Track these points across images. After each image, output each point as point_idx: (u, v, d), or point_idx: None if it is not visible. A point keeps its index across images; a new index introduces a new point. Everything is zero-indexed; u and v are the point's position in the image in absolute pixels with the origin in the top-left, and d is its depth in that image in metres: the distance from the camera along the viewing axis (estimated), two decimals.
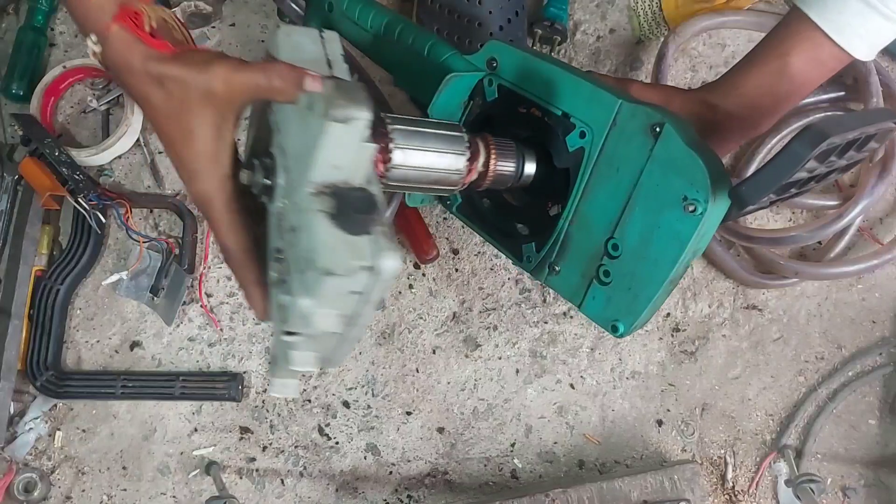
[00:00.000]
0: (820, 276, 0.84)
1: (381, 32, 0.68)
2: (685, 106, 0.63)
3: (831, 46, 0.59)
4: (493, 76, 0.62)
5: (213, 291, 0.91)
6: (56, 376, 0.87)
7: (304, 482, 0.88)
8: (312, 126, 0.43)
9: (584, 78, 0.58)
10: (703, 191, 0.50)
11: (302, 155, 0.45)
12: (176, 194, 0.92)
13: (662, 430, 0.89)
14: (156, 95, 0.49)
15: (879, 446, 0.88)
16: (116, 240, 0.92)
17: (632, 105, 0.54)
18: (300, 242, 0.45)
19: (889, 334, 0.89)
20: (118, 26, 0.49)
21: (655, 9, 0.92)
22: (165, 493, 0.88)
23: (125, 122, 0.89)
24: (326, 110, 0.42)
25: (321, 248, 0.42)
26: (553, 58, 0.62)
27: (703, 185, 0.50)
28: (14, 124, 0.89)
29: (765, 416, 0.89)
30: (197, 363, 0.90)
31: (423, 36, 0.65)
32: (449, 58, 0.64)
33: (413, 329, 0.90)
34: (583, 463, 0.88)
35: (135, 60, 0.49)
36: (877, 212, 0.90)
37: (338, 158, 0.44)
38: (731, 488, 0.87)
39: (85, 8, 0.50)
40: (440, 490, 0.88)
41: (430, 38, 0.65)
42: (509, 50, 0.61)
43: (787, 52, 0.61)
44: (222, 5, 0.95)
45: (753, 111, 0.63)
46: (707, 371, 0.89)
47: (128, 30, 0.49)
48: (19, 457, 0.87)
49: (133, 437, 0.89)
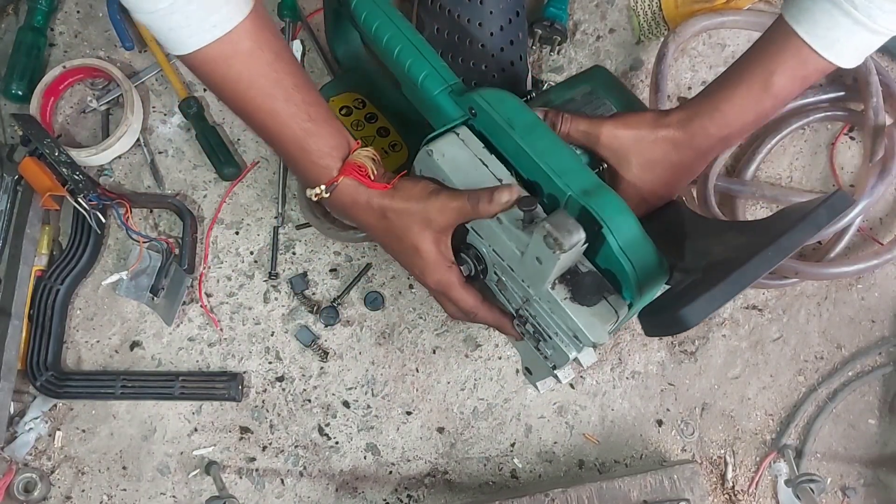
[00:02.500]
0: (820, 276, 0.84)
1: (383, 46, 0.69)
2: (657, 144, 0.64)
3: (817, 60, 0.60)
4: (472, 122, 0.65)
5: (213, 291, 0.91)
6: (56, 376, 0.87)
7: (304, 482, 0.88)
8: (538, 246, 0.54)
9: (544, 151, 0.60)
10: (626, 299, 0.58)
11: (516, 255, 0.59)
12: (176, 194, 0.92)
13: (662, 429, 0.89)
14: (380, 223, 0.65)
15: (879, 446, 0.88)
16: (116, 240, 0.92)
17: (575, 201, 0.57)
18: (554, 317, 0.59)
19: (889, 334, 0.89)
20: (346, 178, 0.63)
21: (655, 9, 0.92)
22: (165, 493, 0.88)
23: (125, 122, 0.89)
24: (555, 245, 0.52)
25: (583, 328, 0.56)
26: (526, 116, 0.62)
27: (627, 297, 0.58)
28: (14, 124, 0.89)
29: (764, 416, 0.89)
30: (197, 363, 0.90)
31: (419, 64, 0.67)
32: (438, 95, 0.66)
33: (413, 329, 0.90)
34: (582, 463, 0.88)
35: (360, 199, 0.64)
36: (877, 212, 0.90)
37: (564, 264, 0.56)
38: (730, 488, 0.87)
39: (312, 169, 0.64)
40: (440, 490, 0.88)
41: (424, 68, 0.67)
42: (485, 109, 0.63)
43: (772, 71, 0.61)
44: None
45: (734, 130, 0.64)
46: (707, 371, 0.89)
47: (352, 177, 0.63)
48: (19, 457, 0.87)
49: (133, 437, 0.89)
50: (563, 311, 0.57)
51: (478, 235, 0.63)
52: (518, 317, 0.65)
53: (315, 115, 0.63)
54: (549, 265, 0.55)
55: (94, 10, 0.95)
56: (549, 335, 0.61)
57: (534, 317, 0.62)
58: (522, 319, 0.64)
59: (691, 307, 0.48)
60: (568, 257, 0.54)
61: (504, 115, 0.62)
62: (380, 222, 0.65)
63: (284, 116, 0.62)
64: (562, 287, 0.57)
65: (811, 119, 0.89)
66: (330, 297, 0.90)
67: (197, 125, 0.91)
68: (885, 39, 0.58)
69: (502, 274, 0.63)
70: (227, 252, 0.91)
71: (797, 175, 0.91)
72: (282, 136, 0.63)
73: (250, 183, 0.92)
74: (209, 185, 0.92)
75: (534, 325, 0.62)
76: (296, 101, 0.61)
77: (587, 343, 0.57)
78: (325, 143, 0.63)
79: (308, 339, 0.89)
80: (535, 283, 0.58)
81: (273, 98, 0.61)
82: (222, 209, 0.92)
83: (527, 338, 0.65)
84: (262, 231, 0.91)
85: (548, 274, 0.56)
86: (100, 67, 0.91)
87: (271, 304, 0.90)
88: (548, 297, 0.58)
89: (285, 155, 0.66)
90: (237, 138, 0.93)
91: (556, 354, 0.62)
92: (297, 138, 0.63)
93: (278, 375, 0.89)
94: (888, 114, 0.87)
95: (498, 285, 0.65)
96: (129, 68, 0.94)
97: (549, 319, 0.60)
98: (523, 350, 0.68)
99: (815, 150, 0.91)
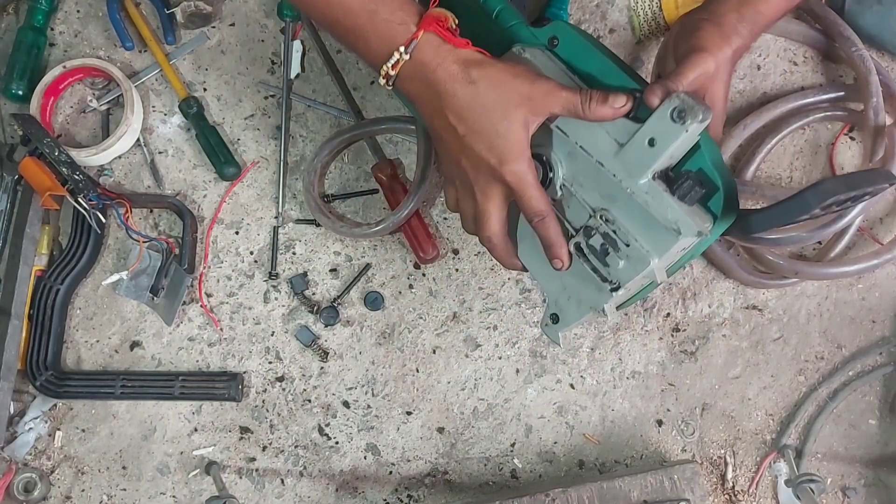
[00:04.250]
0: (820, 275, 0.84)
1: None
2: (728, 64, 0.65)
3: None
4: (552, 53, 0.64)
5: (213, 291, 0.91)
6: (56, 376, 0.87)
7: (304, 482, 0.88)
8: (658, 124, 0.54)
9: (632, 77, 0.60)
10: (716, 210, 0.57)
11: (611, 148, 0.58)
12: (176, 194, 0.92)
13: (662, 429, 0.89)
14: (465, 91, 0.59)
15: (879, 446, 0.88)
16: (116, 240, 0.92)
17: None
18: (645, 216, 0.57)
19: (889, 334, 0.89)
20: (425, 32, 0.58)
21: (655, 9, 0.91)
22: (165, 492, 0.88)
23: (125, 122, 0.89)
24: (688, 115, 0.52)
25: (677, 218, 0.55)
26: (608, 50, 0.63)
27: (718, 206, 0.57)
28: (14, 124, 0.89)
29: (765, 416, 0.88)
30: (197, 363, 0.90)
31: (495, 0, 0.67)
32: (515, 25, 0.66)
33: (413, 329, 0.90)
34: (583, 463, 0.88)
35: (445, 60, 0.59)
36: (877, 212, 0.90)
37: (676, 151, 0.55)
38: (731, 488, 0.87)
39: (386, 31, 0.59)
40: (440, 490, 0.88)
41: (501, 3, 0.66)
42: (572, 34, 0.64)
43: None
44: (222, 5, 0.95)
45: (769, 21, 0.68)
46: (707, 371, 0.89)
47: (435, 33, 0.59)
48: (19, 456, 0.87)
49: (133, 437, 0.89)
50: (664, 203, 0.56)
51: (562, 133, 0.61)
52: (584, 231, 0.61)
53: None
54: (665, 145, 0.54)
55: (94, 10, 0.95)
56: (628, 242, 0.58)
57: (611, 223, 0.59)
58: (589, 232, 0.60)
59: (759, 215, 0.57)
60: (687, 139, 0.54)
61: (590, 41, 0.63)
62: (465, 90, 0.59)
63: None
64: (660, 182, 0.56)
65: (811, 119, 0.89)
66: (330, 297, 0.90)
67: (197, 125, 0.91)
68: None
69: (575, 182, 0.61)
70: (227, 252, 0.91)
71: (797, 175, 0.91)
72: (349, 4, 0.59)
73: (250, 183, 0.92)
74: (209, 185, 0.92)
75: (606, 236, 0.59)
76: None
77: (689, 233, 0.55)
78: (397, 1, 0.59)
79: (308, 339, 0.89)
80: (634, 175, 0.57)
81: None
82: (222, 209, 0.92)
83: (581, 260, 0.62)
84: (262, 231, 0.91)
85: (657, 157, 0.55)
86: (100, 67, 0.91)
87: (271, 304, 0.90)
88: (647, 189, 0.56)
89: (351, 31, 0.60)
90: (237, 138, 0.93)
91: (626, 267, 0.59)
92: (364, 3, 0.59)
93: (278, 375, 0.89)
94: (888, 114, 0.87)
95: (558, 202, 0.63)
96: (129, 68, 0.94)
97: (636, 221, 0.57)
98: (555, 289, 0.65)
99: (815, 150, 0.91)
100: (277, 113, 0.93)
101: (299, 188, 0.91)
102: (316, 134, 0.93)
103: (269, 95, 0.94)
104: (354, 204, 0.92)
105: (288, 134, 0.92)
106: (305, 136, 0.93)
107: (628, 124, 0.57)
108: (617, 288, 0.60)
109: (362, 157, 0.92)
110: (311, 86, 0.94)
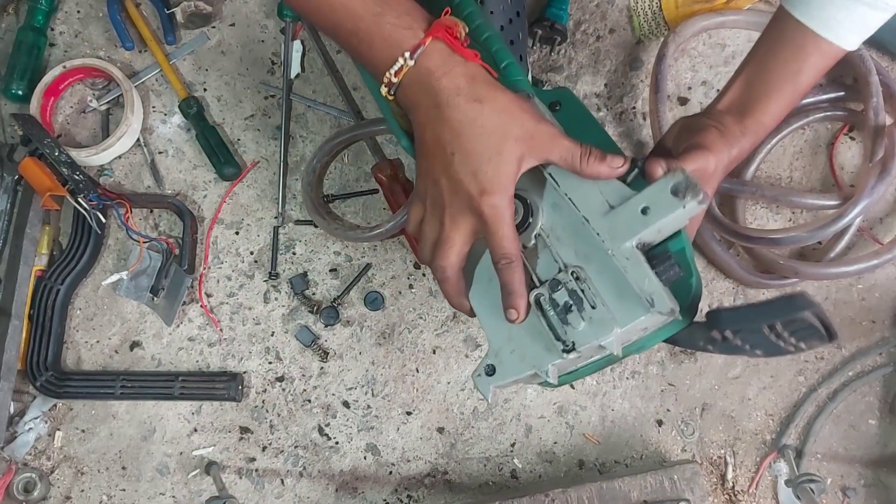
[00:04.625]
0: (820, 276, 0.84)
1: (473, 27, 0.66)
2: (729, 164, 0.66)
3: (837, 52, 0.64)
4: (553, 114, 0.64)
5: (213, 291, 0.91)
6: (56, 376, 0.87)
7: (304, 482, 0.88)
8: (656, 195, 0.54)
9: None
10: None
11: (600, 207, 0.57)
12: (176, 194, 0.92)
13: (662, 429, 0.89)
14: (471, 108, 0.56)
15: (879, 446, 0.88)
16: (116, 240, 0.92)
17: None
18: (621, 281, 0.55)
19: (889, 334, 0.89)
20: (434, 38, 0.55)
21: (655, 9, 0.92)
22: (165, 493, 0.88)
23: (125, 122, 0.89)
24: (687, 192, 0.52)
25: (652, 290, 0.53)
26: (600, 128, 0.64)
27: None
28: (14, 124, 0.89)
29: (765, 416, 0.88)
30: (197, 363, 0.90)
31: (504, 52, 0.65)
32: (520, 81, 0.64)
33: (413, 329, 0.90)
34: (582, 463, 0.88)
35: (455, 73, 0.56)
36: (877, 212, 0.90)
37: (667, 225, 0.55)
38: (731, 488, 0.87)
39: (392, 36, 0.56)
40: (440, 490, 0.88)
41: (509, 57, 0.65)
42: (576, 101, 0.64)
43: (798, 71, 0.65)
44: (222, 5, 0.95)
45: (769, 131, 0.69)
46: (707, 371, 0.89)
47: (444, 42, 0.55)
48: (19, 457, 0.87)
49: (132, 438, 0.89)
50: (642, 272, 0.54)
51: (554, 182, 0.60)
52: (550, 284, 0.59)
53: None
54: (658, 216, 0.54)
55: (94, 10, 0.95)
56: (594, 304, 0.56)
57: (581, 281, 0.57)
58: (555, 286, 0.58)
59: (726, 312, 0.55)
60: (681, 216, 0.54)
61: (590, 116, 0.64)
62: (468, 106, 0.56)
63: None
64: (639, 252, 0.55)
65: (811, 119, 0.89)
66: (330, 297, 0.90)
67: (197, 125, 0.91)
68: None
69: (552, 234, 0.60)
70: (227, 252, 0.91)
71: (797, 175, 0.91)
72: (353, 8, 0.56)
73: (250, 183, 0.92)
74: (209, 185, 0.92)
75: (572, 293, 0.57)
76: None
77: (663, 308, 0.53)
78: (404, 5, 0.57)
79: (308, 339, 0.89)
80: (618, 238, 0.56)
81: None
82: (222, 209, 0.92)
83: (537, 314, 0.59)
84: (262, 231, 0.91)
85: (648, 225, 0.54)
86: (100, 67, 0.91)
87: (271, 304, 0.90)
88: (629, 255, 0.55)
89: (355, 34, 0.57)
90: (237, 138, 0.93)
91: (586, 330, 0.57)
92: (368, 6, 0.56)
93: (278, 375, 0.89)
94: (888, 114, 0.87)
95: (529, 251, 0.60)
96: (129, 68, 0.94)
97: (607, 285, 0.56)
98: (500, 339, 0.61)
99: (815, 150, 0.91)
100: (277, 113, 0.93)
101: (299, 188, 0.91)
102: (316, 134, 0.93)
103: (269, 96, 0.94)
104: (354, 204, 0.92)
105: (288, 134, 0.92)
106: (305, 136, 0.93)
107: (623, 189, 0.57)
108: (570, 350, 0.57)
109: (362, 157, 0.92)
110: (311, 86, 0.94)
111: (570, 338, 0.57)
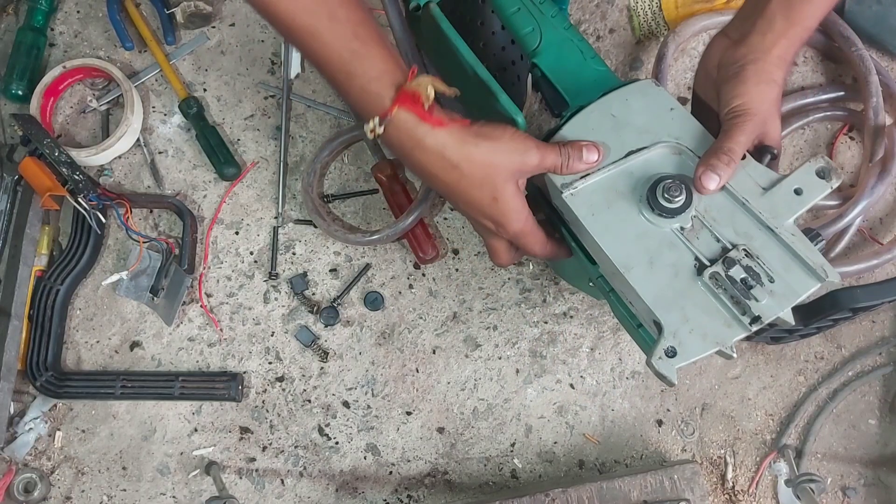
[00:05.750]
0: None
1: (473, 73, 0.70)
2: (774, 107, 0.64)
3: None
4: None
5: (213, 291, 0.91)
6: (56, 376, 0.87)
7: (304, 482, 0.88)
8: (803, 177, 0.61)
9: None
10: None
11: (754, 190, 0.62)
12: (176, 194, 0.92)
13: (662, 429, 0.89)
14: (451, 174, 0.59)
15: (879, 446, 0.88)
16: (116, 240, 0.92)
17: None
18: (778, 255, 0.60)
19: (889, 334, 0.89)
20: (399, 108, 0.56)
21: (655, 9, 0.92)
22: (165, 493, 0.88)
23: (125, 122, 0.89)
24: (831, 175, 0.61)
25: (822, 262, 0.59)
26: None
27: None
28: (14, 124, 0.89)
29: (765, 416, 0.89)
30: (197, 363, 0.90)
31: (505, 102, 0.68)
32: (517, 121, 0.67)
33: (413, 329, 0.90)
34: (582, 463, 0.88)
35: (425, 144, 0.57)
36: (877, 212, 0.90)
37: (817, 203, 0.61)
38: (731, 488, 0.87)
39: (363, 98, 0.57)
40: (440, 490, 0.88)
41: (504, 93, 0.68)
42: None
43: None
44: (222, 5, 0.95)
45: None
46: (707, 371, 0.89)
47: (409, 110, 0.56)
48: (19, 457, 0.87)
49: (133, 438, 0.89)
50: (809, 246, 0.60)
51: None
52: (724, 262, 0.60)
53: (363, 36, 0.56)
54: (812, 196, 0.60)
55: (94, 10, 0.95)
56: (773, 277, 0.59)
57: (752, 258, 0.60)
58: (730, 263, 0.60)
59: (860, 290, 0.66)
60: (826, 195, 0.60)
61: None
62: (448, 175, 0.59)
63: (328, 36, 0.56)
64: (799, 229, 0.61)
65: (811, 119, 0.89)
66: (330, 297, 0.90)
67: (197, 125, 0.91)
68: None
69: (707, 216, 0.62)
70: (227, 252, 0.91)
71: None
72: (327, 59, 0.56)
73: (250, 183, 0.92)
74: (209, 185, 0.92)
75: (748, 269, 0.60)
76: (340, 18, 0.56)
77: (834, 277, 0.58)
78: (374, 66, 0.56)
79: (308, 339, 0.89)
80: (780, 216, 0.60)
81: (315, 15, 0.55)
82: (222, 209, 0.92)
83: (717, 291, 0.60)
84: (262, 231, 0.91)
85: (805, 204, 0.60)
86: (100, 67, 0.91)
87: (271, 305, 0.90)
88: (792, 231, 0.60)
89: (332, 82, 0.59)
90: (237, 138, 0.93)
91: (769, 303, 0.59)
92: (342, 61, 0.56)
93: (278, 375, 0.89)
94: (888, 114, 0.87)
95: (688, 231, 0.63)
96: (129, 68, 0.94)
97: (772, 260, 0.60)
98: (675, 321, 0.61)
99: (815, 150, 0.91)
100: (277, 113, 0.93)
101: (299, 188, 0.91)
102: (316, 134, 0.93)
103: (268, 96, 0.94)
104: (354, 204, 0.92)
105: (288, 134, 0.92)
106: (305, 136, 0.93)
107: (769, 172, 0.62)
108: (757, 320, 0.59)
109: (362, 157, 0.92)
110: (310, 86, 0.94)
111: (755, 311, 0.60)
